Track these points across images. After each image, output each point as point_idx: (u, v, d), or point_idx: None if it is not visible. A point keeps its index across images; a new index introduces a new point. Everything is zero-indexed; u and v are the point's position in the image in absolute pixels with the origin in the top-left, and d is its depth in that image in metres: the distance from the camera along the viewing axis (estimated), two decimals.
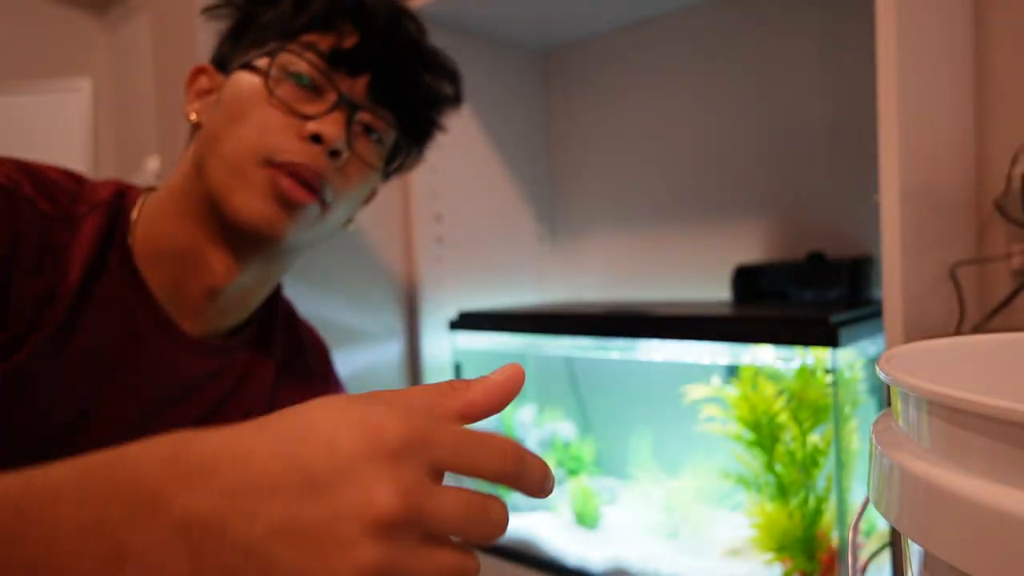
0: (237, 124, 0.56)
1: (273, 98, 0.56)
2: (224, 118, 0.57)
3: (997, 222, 0.89)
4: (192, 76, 0.62)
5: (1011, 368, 0.44)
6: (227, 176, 0.55)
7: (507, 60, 1.34)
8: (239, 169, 0.55)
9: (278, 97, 0.56)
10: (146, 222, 0.58)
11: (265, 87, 0.56)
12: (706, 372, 0.95)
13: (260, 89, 0.56)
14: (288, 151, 0.55)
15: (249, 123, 0.56)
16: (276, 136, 0.55)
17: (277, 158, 0.55)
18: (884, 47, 0.66)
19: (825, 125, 1.06)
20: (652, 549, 1.00)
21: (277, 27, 0.58)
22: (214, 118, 0.58)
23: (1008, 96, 0.88)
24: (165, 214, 0.58)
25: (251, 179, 0.55)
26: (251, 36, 0.59)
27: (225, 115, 0.57)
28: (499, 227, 1.33)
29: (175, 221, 0.58)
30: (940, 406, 0.32)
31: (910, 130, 0.69)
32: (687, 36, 1.21)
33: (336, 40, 0.58)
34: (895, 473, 0.33)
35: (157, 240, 0.57)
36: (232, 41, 0.61)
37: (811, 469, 0.84)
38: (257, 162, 0.55)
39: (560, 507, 1.16)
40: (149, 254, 0.57)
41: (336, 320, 1.09)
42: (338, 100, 0.57)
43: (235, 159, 0.55)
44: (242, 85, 0.57)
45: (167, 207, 0.58)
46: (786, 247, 1.11)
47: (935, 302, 0.76)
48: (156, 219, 0.58)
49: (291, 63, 0.57)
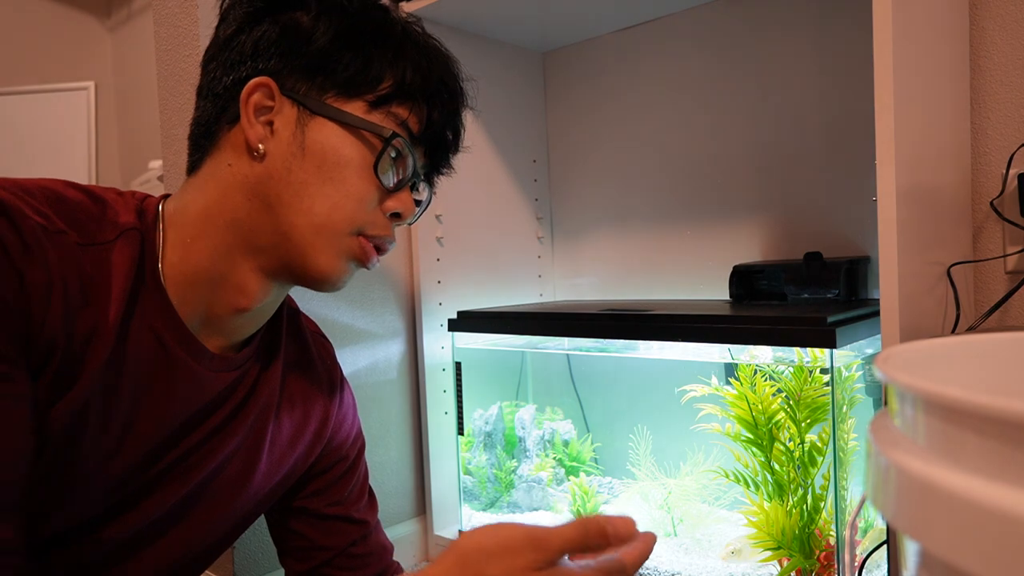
0: (331, 187, 0.56)
1: (378, 179, 0.58)
2: (314, 174, 0.56)
3: (993, 223, 0.89)
4: (250, 89, 0.56)
5: (1007, 367, 0.44)
6: (312, 235, 0.56)
7: (507, 61, 1.34)
8: (330, 233, 0.57)
9: (379, 176, 0.58)
10: (178, 246, 0.56)
11: (375, 168, 0.57)
12: (704, 372, 0.95)
13: (365, 163, 0.57)
14: (376, 226, 0.59)
15: (348, 191, 0.57)
16: (370, 211, 0.59)
17: (367, 231, 0.59)
18: (881, 49, 0.67)
19: (822, 126, 1.07)
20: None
21: (366, 84, 0.57)
22: (298, 165, 0.56)
23: (1004, 98, 0.89)
24: (200, 240, 0.56)
25: (341, 245, 0.58)
26: (331, 79, 0.57)
27: (316, 171, 0.56)
28: (499, 227, 1.33)
29: (215, 249, 0.56)
30: (936, 405, 0.32)
31: (907, 132, 0.69)
32: (686, 37, 1.21)
33: (422, 117, 0.60)
34: (892, 471, 0.33)
35: (191, 266, 0.56)
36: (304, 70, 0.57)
37: (808, 468, 0.84)
38: (349, 231, 0.58)
39: (560, 506, 1.16)
40: (181, 280, 0.56)
41: (337, 320, 1.10)
42: (413, 176, 0.61)
43: (327, 223, 0.56)
44: (341, 144, 0.56)
45: (205, 232, 0.56)
46: (784, 248, 1.12)
47: (931, 302, 0.76)
48: (190, 245, 0.56)
49: (397, 144, 0.58)
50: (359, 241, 0.58)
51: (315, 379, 0.72)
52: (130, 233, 0.54)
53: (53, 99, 2.30)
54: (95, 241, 0.52)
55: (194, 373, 0.57)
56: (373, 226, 0.59)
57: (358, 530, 0.75)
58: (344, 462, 0.75)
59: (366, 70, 0.57)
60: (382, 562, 0.77)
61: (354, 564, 0.74)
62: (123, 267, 0.52)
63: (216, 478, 0.62)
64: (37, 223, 0.48)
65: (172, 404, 0.56)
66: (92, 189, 0.56)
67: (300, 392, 0.70)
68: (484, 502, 1.22)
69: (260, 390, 0.64)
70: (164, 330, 0.55)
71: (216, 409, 0.61)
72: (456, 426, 1.18)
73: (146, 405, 0.55)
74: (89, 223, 0.52)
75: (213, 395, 0.60)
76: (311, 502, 0.73)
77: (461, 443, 1.19)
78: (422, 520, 1.23)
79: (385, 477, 1.17)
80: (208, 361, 0.58)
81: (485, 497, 1.22)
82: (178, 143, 1.01)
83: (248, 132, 0.56)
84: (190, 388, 0.57)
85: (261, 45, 0.57)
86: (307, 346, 0.73)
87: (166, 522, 0.60)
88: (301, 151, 0.56)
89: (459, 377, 1.17)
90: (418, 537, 1.22)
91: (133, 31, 2.43)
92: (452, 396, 1.19)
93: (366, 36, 0.58)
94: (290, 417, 0.68)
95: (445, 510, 1.22)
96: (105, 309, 0.51)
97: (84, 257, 0.50)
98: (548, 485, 1.19)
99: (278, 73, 0.57)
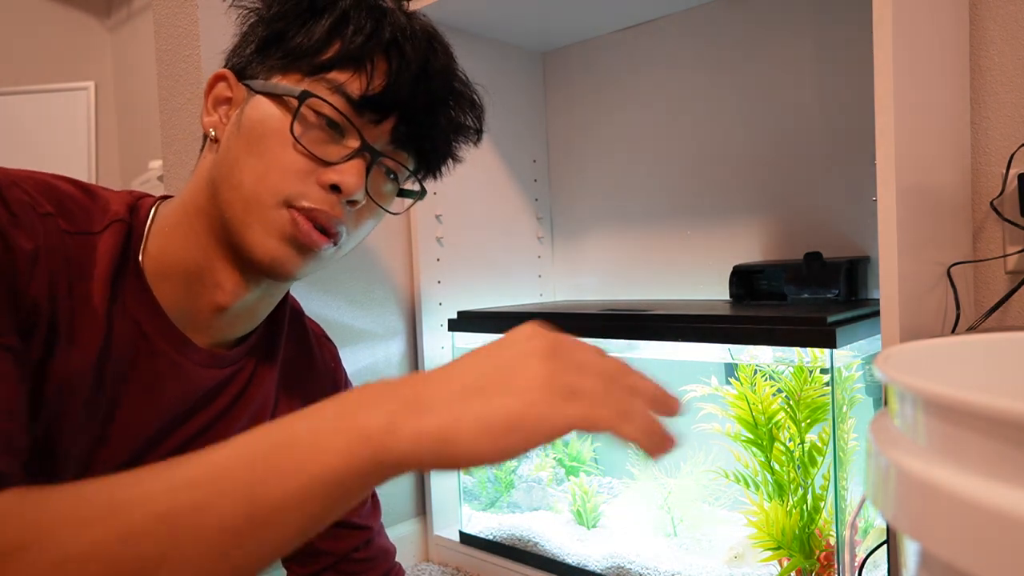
0: (257, 158, 0.55)
1: (297, 141, 0.55)
2: (244, 147, 0.55)
3: (993, 223, 0.89)
4: (211, 82, 0.59)
5: (1007, 368, 0.44)
6: (243, 210, 0.55)
7: (507, 61, 1.34)
8: (256, 206, 0.54)
9: (302, 142, 0.55)
10: (158, 237, 0.57)
11: (291, 130, 0.55)
12: (704, 372, 0.95)
13: (285, 128, 0.55)
14: (307, 197, 0.55)
15: (270, 161, 0.54)
16: (297, 180, 0.55)
17: (296, 202, 0.55)
18: (881, 49, 0.67)
19: (823, 126, 1.07)
20: (651, 547, 1.01)
21: (307, 55, 0.56)
22: (234, 142, 0.56)
23: (1004, 98, 0.89)
24: (177, 229, 0.57)
25: (268, 218, 0.54)
26: (277, 55, 0.57)
27: (246, 144, 0.55)
28: (499, 227, 1.33)
29: (187, 238, 0.57)
30: (936, 405, 0.32)
31: (907, 132, 0.69)
32: (686, 38, 1.21)
33: (366, 81, 0.56)
34: (892, 471, 0.33)
35: (168, 256, 0.56)
36: (256, 53, 0.58)
37: (808, 468, 0.84)
38: (276, 203, 0.55)
39: (560, 506, 1.16)
40: (160, 270, 0.56)
41: (338, 320, 1.10)
42: (360, 148, 0.56)
43: (253, 195, 0.54)
44: (265, 116, 0.55)
45: (180, 222, 0.57)
46: (784, 248, 1.12)
47: (931, 302, 0.76)
48: (168, 234, 0.57)
49: (319, 106, 0.55)
50: (290, 214, 0.54)
51: (317, 381, 0.72)
52: (117, 224, 0.54)
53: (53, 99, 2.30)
54: (82, 230, 0.52)
55: (177, 366, 0.57)
56: (304, 197, 0.54)
57: (361, 535, 0.74)
58: None
59: (306, 41, 0.56)
60: (385, 565, 0.77)
61: (357, 568, 0.74)
62: (107, 256, 0.53)
63: None
64: (25, 200, 0.48)
65: (156, 396, 0.56)
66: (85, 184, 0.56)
67: (301, 394, 0.70)
68: (484, 502, 1.22)
69: (253, 391, 0.64)
70: (145, 320, 0.55)
71: (206, 405, 0.61)
72: None
73: (129, 394, 0.54)
74: (77, 212, 0.53)
75: (202, 391, 0.60)
76: None
77: None
78: (422, 520, 1.23)
79: None
80: (194, 355, 0.58)
81: (485, 497, 1.22)
82: (178, 143, 1.01)
83: (204, 120, 0.59)
84: (175, 381, 0.57)
85: (236, 42, 0.60)
86: (310, 348, 0.73)
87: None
88: (237, 129, 0.56)
89: None
90: (418, 537, 1.22)
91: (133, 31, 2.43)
92: None
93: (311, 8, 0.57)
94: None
95: (445, 510, 1.22)
96: (88, 294, 0.51)
97: (70, 242, 0.51)
98: (548, 485, 1.19)
99: (239, 64, 0.59)
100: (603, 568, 0.99)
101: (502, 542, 1.12)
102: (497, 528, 1.14)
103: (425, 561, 1.23)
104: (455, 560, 1.18)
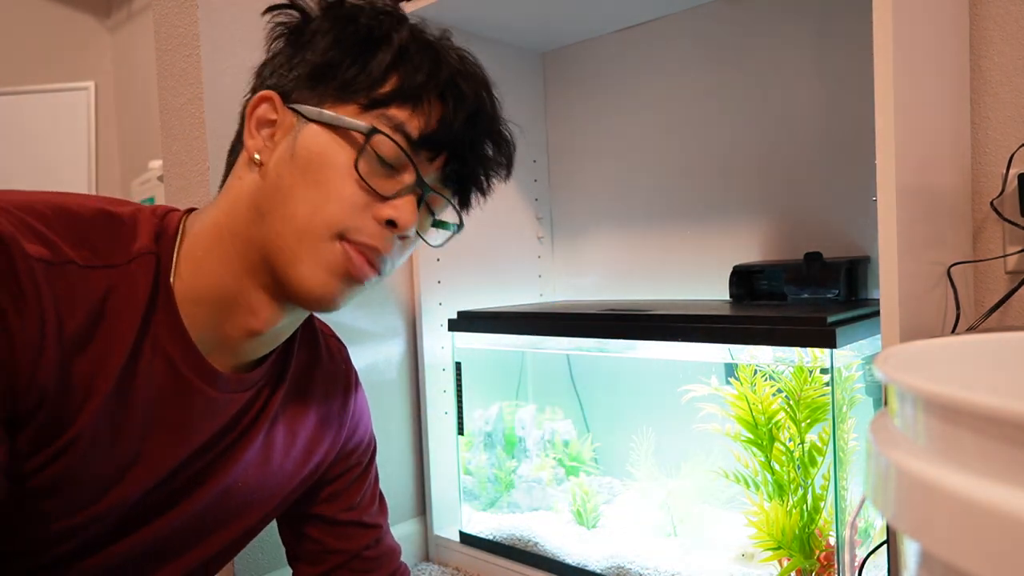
0: (315, 189, 0.54)
1: (359, 175, 0.54)
2: (300, 177, 0.54)
3: (993, 223, 0.89)
4: (256, 103, 0.57)
5: (1007, 367, 0.44)
6: (295, 241, 0.54)
7: (507, 61, 1.35)
8: (309, 238, 0.54)
9: (363, 176, 0.54)
10: (190, 261, 0.55)
11: (355, 165, 0.54)
12: (704, 372, 0.95)
13: (346, 162, 0.54)
14: (362, 231, 0.55)
15: (329, 193, 0.54)
16: (353, 214, 0.54)
17: (351, 236, 0.54)
18: (881, 50, 0.67)
19: (822, 127, 1.07)
20: (651, 548, 1.01)
21: (363, 88, 0.55)
22: (286, 171, 0.55)
23: (1003, 98, 0.89)
24: (211, 254, 0.56)
25: (319, 250, 0.54)
26: (331, 85, 0.56)
27: (302, 174, 0.54)
28: (499, 227, 1.33)
29: (222, 263, 0.56)
30: (936, 405, 0.32)
31: (906, 132, 0.69)
32: (685, 38, 1.21)
33: (424, 120, 0.56)
34: (892, 471, 0.33)
35: (201, 281, 0.55)
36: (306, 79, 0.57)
37: (808, 468, 0.85)
38: (330, 235, 0.54)
39: (560, 506, 1.16)
40: (191, 296, 0.55)
41: (337, 320, 1.09)
42: (415, 184, 0.57)
43: (307, 227, 0.53)
44: (324, 147, 0.54)
45: (214, 246, 0.56)
46: (783, 248, 1.12)
47: (931, 302, 0.76)
48: (201, 259, 0.55)
49: (382, 142, 0.54)
50: (342, 247, 0.54)
51: (328, 383, 0.72)
52: (145, 258, 0.53)
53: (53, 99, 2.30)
54: (105, 263, 0.50)
55: (208, 398, 0.56)
56: (358, 232, 0.54)
57: (371, 534, 0.75)
58: (357, 467, 0.75)
59: (363, 73, 0.56)
60: (392, 564, 0.77)
61: (367, 567, 0.74)
62: (135, 297, 0.51)
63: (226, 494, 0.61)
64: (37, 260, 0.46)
65: (185, 432, 0.56)
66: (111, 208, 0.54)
67: (314, 397, 0.69)
68: (484, 502, 1.22)
69: (271, 405, 0.64)
70: (176, 354, 0.54)
71: (232, 428, 0.60)
72: (456, 426, 1.18)
73: (157, 434, 0.54)
74: (100, 243, 0.51)
75: (228, 418, 0.59)
76: (325, 508, 0.72)
77: (461, 443, 1.19)
78: (422, 520, 1.23)
79: (385, 477, 1.16)
80: (222, 384, 0.57)
81: (485, 497, 1.22)
82: (178, 143, 1.01)
83: (248, 142, 0.57)
84: (204, 414, 0.57)
85: (276, 61, 0.58)
86: (320, 349, 0.72)
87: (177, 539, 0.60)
88: (291, 157, 0.55)
89: (459, 377, 1.17)
90: (418, 537, 1.22)
91: (133, 31, 2.43)
92: (452, 396, 1.19)
93: (368, 41, 0.56)
94: (303, 424, 0.68)
95: (445, 510, 1.22)
96: (111, 341, 0.50)
97: (93, 280, 0.49)
98: (548, 485, 1.19)
99: (285, 87, 0.57)
100: (603, 568, 0.99)
101: (502, 542, 1.12)
102: (497, 528, 1.14)
103: (425, 561, 1.23)
104: (455, 560, 1.18)
